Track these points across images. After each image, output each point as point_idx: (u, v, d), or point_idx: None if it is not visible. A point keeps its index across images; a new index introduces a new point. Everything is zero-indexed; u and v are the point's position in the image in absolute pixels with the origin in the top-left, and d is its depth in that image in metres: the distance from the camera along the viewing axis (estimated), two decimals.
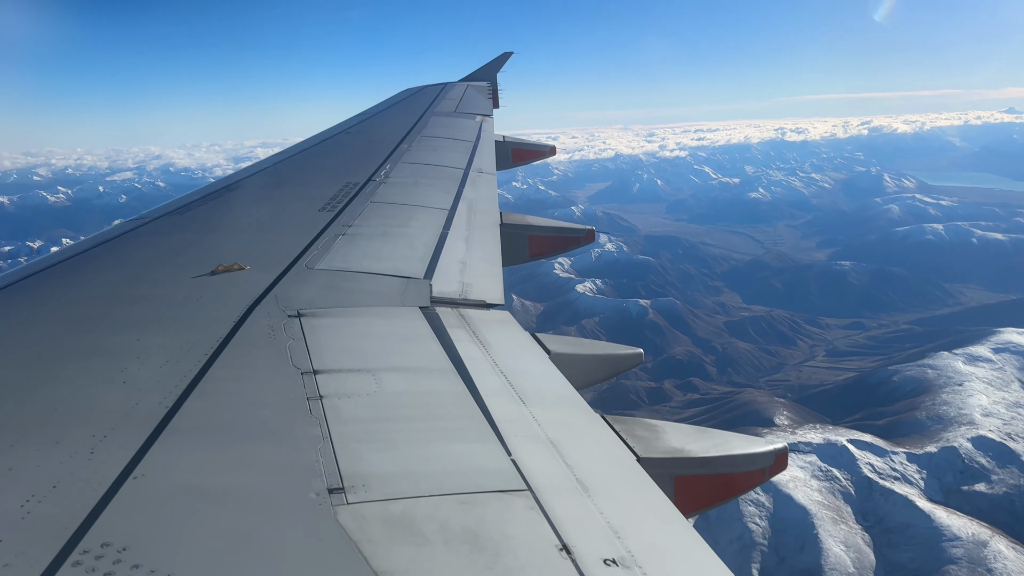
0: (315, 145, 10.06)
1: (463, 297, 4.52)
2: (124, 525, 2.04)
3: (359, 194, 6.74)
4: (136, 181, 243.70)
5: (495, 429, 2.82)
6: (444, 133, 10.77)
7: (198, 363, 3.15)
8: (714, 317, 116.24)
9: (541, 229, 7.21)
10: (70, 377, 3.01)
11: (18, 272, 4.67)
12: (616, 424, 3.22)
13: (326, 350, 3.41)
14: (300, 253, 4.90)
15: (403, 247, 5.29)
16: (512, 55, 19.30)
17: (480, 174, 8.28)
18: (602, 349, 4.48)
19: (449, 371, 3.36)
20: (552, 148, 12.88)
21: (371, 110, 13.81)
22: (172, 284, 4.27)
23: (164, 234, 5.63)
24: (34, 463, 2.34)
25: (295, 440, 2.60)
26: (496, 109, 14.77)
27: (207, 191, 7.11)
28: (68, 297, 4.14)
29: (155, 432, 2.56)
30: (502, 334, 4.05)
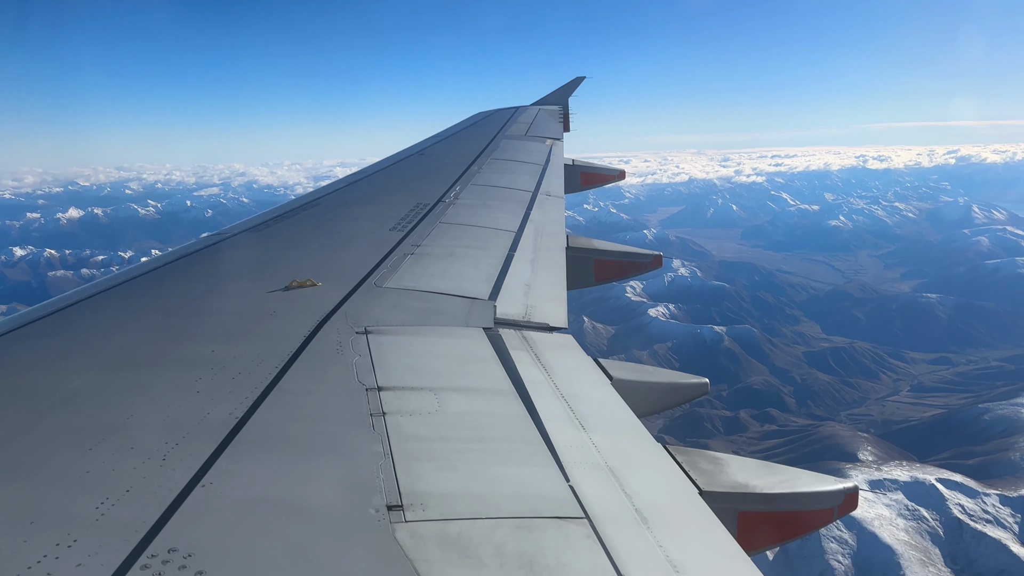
0: (389, 166, 10.33)
1: (527, 319, 4.52)
2: (191, 532, 2.10)
3: (429, 215, 6.86)
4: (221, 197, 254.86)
5: (554, 454, 2.79)
6: (514, 156, 10.87)
7: (269, 376, 3.24)
8: (792, 347, 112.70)
9: (608, 253, 7.15)
10: (148, 385, 3.14)
11: (106, 281, 4.93)
12: (678, 455, 3.14)
13: (391, 367, 3.47)
14: (370, 271, 5.01)
15: (469, 268, 5.34)
16: (584, 79, 19.38)
17: (548, 197, 8.31)
18: (666, 377, 4.39)
19: (510, 393, 3.36)
20: (622, 172, 12.83)
21: (444, 132, 14.10)
22: (248, 298, 4.42)
23: (243, 249, 5.86)
24: (110, 467, 2.43)
25: (357, 455, 2.63)
26: (567, 133, 14.83)
27: (285, 209, 7.38)
28: (151, 307, 4.34)
29: (224, 442, 2.64)
30: (564, 358, 4.02)
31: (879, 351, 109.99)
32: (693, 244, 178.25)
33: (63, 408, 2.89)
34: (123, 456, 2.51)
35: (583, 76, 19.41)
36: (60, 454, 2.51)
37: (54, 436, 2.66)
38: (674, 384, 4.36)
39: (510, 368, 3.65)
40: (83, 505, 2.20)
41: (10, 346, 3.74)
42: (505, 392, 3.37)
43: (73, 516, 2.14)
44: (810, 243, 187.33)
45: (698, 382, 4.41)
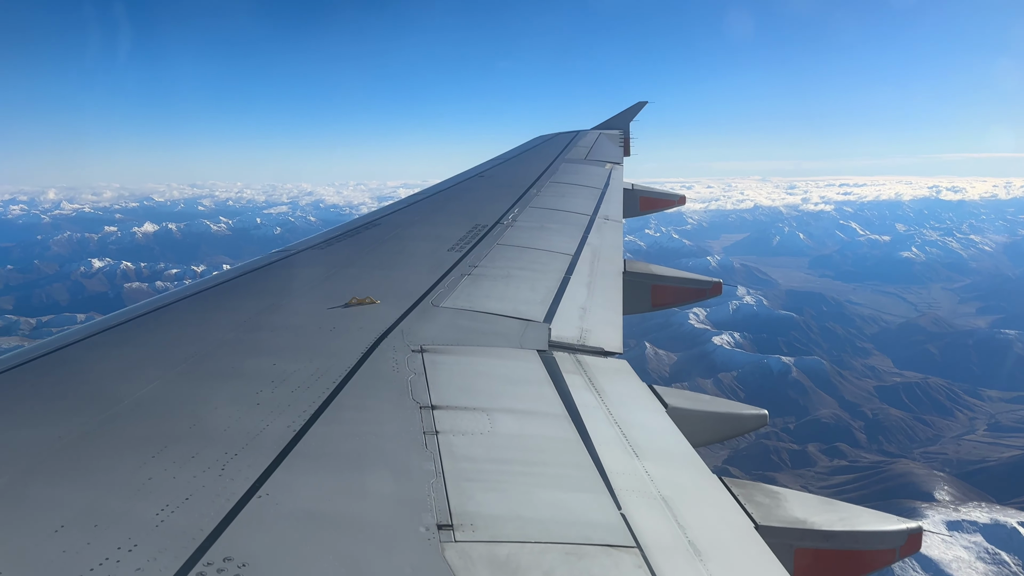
0: (449, 187, 10.49)
1: (581, 343, 4.49)
2: (246, 542, 2.14)
3: (486, 236, 6.92)
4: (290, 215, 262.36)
5: (606, 481, 2.76)
6: (573, 179, 10.89)
7: (326, 390, 3.30)
8: (863, 380, 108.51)
9: (666, 279, 7.06)
10: (211, 395, 3.24)
11: (176, 294, 5.13)
12: (734, 487, 3.05)
13: (444, 386, 3.49)
14: (427, 290, 5.07)
15: (525, 290, 5.35)
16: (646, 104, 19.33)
17: (606, 221, 8.28)
18: (723, 407, 4.28)
19: (563, 417, 3.34)
20: (682, 197, 12.69)
21: (504, 155, 14.24)
22: (309, 314, 4.53)
23: (307, 266, 6.02)
24: (171, 475, 2.51)
25: (409, 473, 2.65)
26: (627, 157, 14.79)
27: (348, 227, 7.57)
28: (217, 320, 4.48)
29: (281, 454, 2.69)
30: (618, 383, 3.97)
31: (954, 388, 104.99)
32: (758, 272, 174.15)
33: (130, 415, 3.00)
34: (184, 464, 2.58)
35: (645, 101, 19.36)
36: (125, 459, 2.60)
37: (121, 442, 2.75)
38: (732, 415, 4.25)
39: (563, 391, 3.63)
40: (144, 510, 2.27)
41: (85, 353, 3.92)
42: (558, 416, 3.35)
43: (135, 521, 2.21)
44: (881, 274, 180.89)
45: (757, 413, 4.29)
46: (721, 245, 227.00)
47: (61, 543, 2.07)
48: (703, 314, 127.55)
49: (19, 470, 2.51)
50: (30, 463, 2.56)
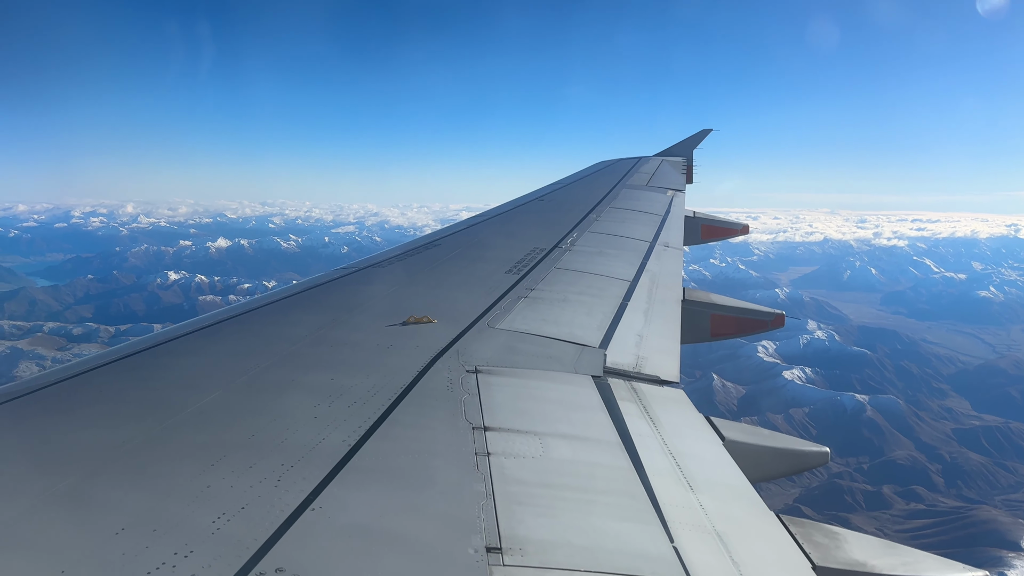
0: (508, 210, 10.56)
1: (637, 371, 4.43)
2: (298, 553, 2.17)
3: (544, 259, 6.93)
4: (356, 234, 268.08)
5: (658, 512, 2.70)
6: (633, 205, 10.83)
7: (382, 407, 3.34)
8: (940, 422, 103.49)
9: (726, 308, 6.92)
10: (270, 407, 3.31)
11: (242, 306, 5.29)
12: (792, 526, 2.94)
13: (498, 408, 3.49)
14: (483, 312, 5.10)
15: (581, 315, 5.33)
16: (711, 132, 19.13)
17: (666, 248, 8.19)
18: (782, 442, 4.14)
19: (616, 444, 3.29)
20: (745, 226, 12.48)
21: (565, 179, 14.28)
22: (368, 330, 4.60)
23: (367, 284, 6.13)
24: (228, 484, 2.56)
25: (460, 493, 2.65)
26: (689, 184, 14.64)
27: (408, 247, 7.70)
28: (280, 334, 4.60)
29: (336, 468, 2.73)
30: (675, 413, 3.90)
31: None
32: (829, 306, 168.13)
33: (193, 423, 3.09)
34: (242, 474, 2.64)
35: (710, 128, 19.17)
36: (186, 466, 2.68)
37: (182, 449, 2.83)
38: (792, 451, 4.11)
39: (617, 419, 3.58)
40: (201, 518, 2.32)
41: (153, 360, 4.08)
42: (611, 443, 3.30)
43: (192, 527, 2.26)
44: (957, 313, 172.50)
45: (818, 451, 4.13)
46: (789, 277, 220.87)
47: (122, 545, 2.14)
48: (772, 347, 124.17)
49: (86, 472, 2.60)
50: (96, 465, 2.65)
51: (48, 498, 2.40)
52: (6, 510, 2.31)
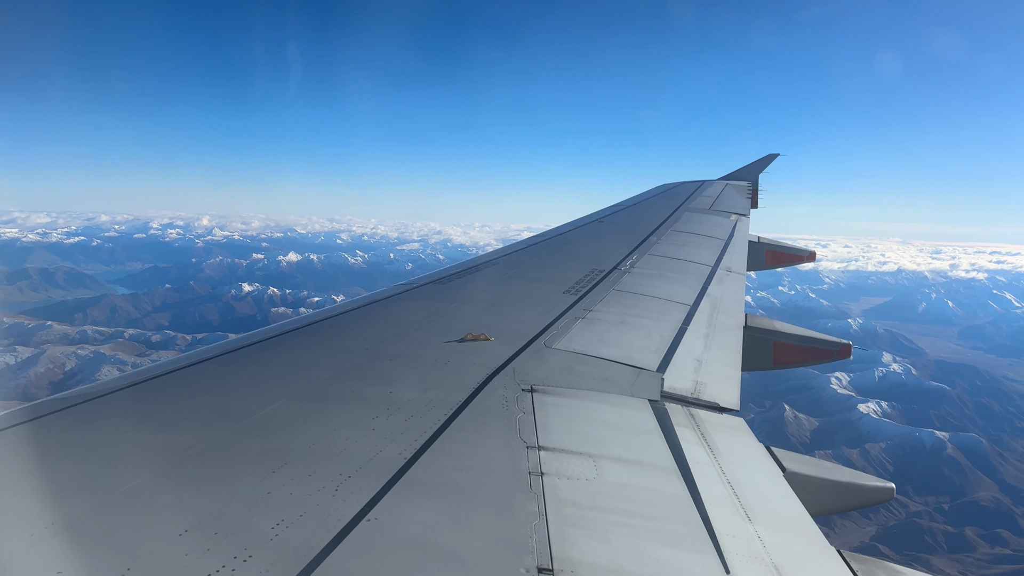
0: (568, 231, 10.57)
1: (695, 396, 4.35)
2: (353, 564, 2.20)
3: (603, 281, 6.90)
4: (420, 252, 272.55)
5: (715, 541, 2.63)
6: (696, 229, 10.69)
7: (438, 421, 3.38)
8: None
9: (789, 336, 6.74)
10: (330, 418, 3.39)
11: (306, 319, 5.44)
12: (853, 562, 2.82)
13: (552, 428, 3.48)
14: (540, 331, 5.11)
15: (639, 337, 5.27)
16: (778, 156, 18.76)
17: (728, 273, 8.05)
18: (845, 476, 3.99)
19: (672, 471, 3.23)
20: (811, 253, 12.17)
21: (626, 201, 14.22)
22: (427, 346, 4.67)
23: (427, 300, 6.23)
24: (288, 491, 2.63)
25: (513, 512, 2.64)
26: (754, 209, 14.38)
27: (468, 265, 7.78)
28: (341, 347, 4.71)
29: (392, 480, 2.76)
30: (733, 441, 3.81)
31: None
32: (904, 339, 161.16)
33: (256, 430, 3.18)
34: (301, 482, 2.70)
35: (777, 153, 18.82)
36: (248, 473, 2.75)
37: (245, 455, 2.92)
38: (855, 485, 3.95)
39: (674, 445, 3.52)
40: (261, 524, 2.38)
41: (220, 368, 4.23)
42: (667, 469, 3.25)
43: (251, 533, 2.32)
44: None
45: (883, 487, 3.97)
46: (860, 308, 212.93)
47: (184, 546, 2.21)
48: (846, 379, 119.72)
49: (153, 474, 2.70)
50: (163, 468, 2.76)
51: (118, 497, 2.50)
52: (79, 506, 2.42)
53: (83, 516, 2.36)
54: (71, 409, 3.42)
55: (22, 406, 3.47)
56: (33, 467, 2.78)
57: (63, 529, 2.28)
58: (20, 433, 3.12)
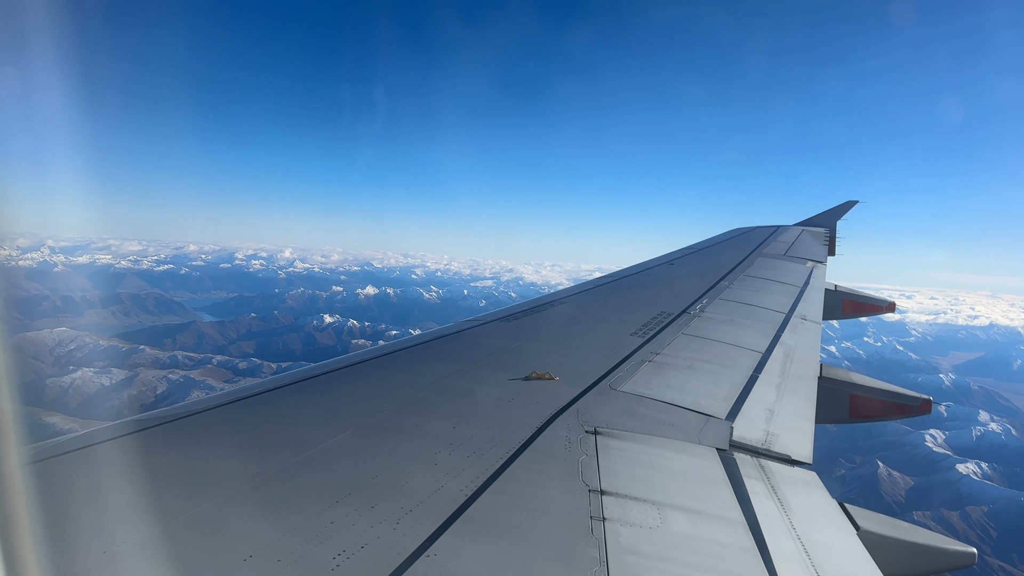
0: (637, 273, 10.49)
1: (766, 447, 4.20)
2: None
3: (671, 324, 6.80)
4: (494, 289, 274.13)
5: None
6: (769, 275, 10.44)
7: (500, 459, 3.37)
8: None
9: (867, 389, 6.46)
10: (394, 451, 3.43)
11: (375, 351, 5.55)
12: None
13: (616, 473, 3.42)
14: (606, 373, 5.06)
15: (708, 383, 5.16)
16: (857, 203, 18.21)
17: (803, 321, 7.80)
18: (924, 538, 3.76)
19: (739, 523, 3.12)
20: (892, 304, 11.69)
21: (698, 244, 14.03)
22: (491, 383, 4.69)
23: (493, 337, 6.27)
24: (351, 522, 2.66)
25: (573, 557, 2.61)
26: (831, 256, 13.96)
27: (535, 303, 7.80)
28: (407, 381, 4.77)
29: (452, 516, 2.77)
30: (805, 496, 3.65)
31: None
32: (1000, 397, 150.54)
33: (321, 460, 3.24)
34: (363, 513, 2.73)
35: (856, 200, 18.26)
36: (312, 502, 2.81)
37: (309, 485, 2.97)
38: (934, 548, 3.72)
39: (742, 496, 3.41)
40: (323, 553, 2.42)
41: (289, 397, 4.34)
42: (734, 521, 3.14)
43: (313, 562, 2.36)
44: None
45: (964, 551, 3.73)
46: (950, 363, 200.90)
47: (248, 572, 2.26)
48: (941, 437, 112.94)
49: (220, 498, 2.78)
50: (230, 494, 2.83)
51: (186, 520, 2.58)
52: (148, 527, 2.51)
53: (151, 537, 2.44)
54: (147, 431, 3.56)
55: (103, 426, 3.66)
56: (107, 486, 2.91)
57: (133, 548, 2.37)
58: (97, 452, 3.25)
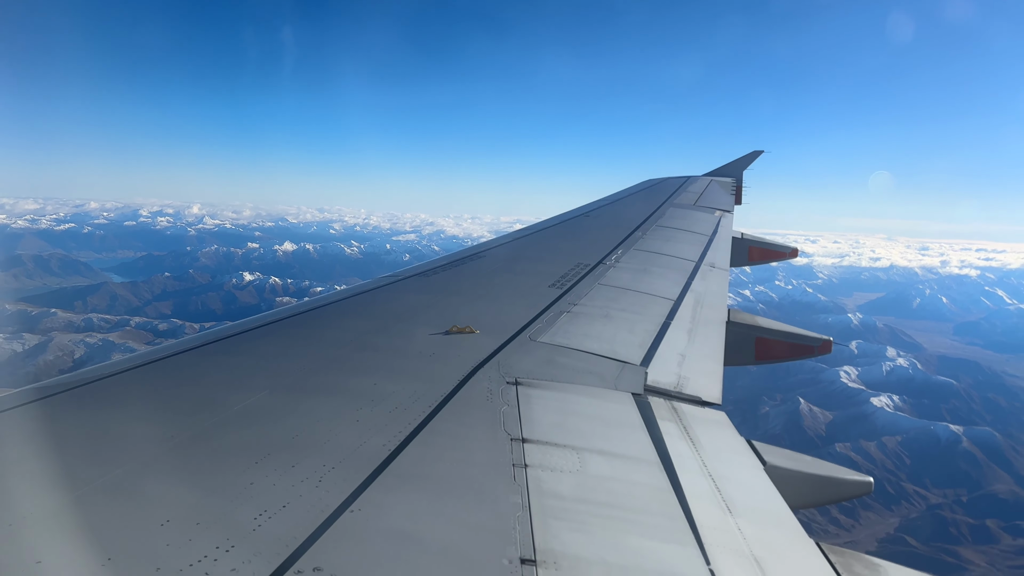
0: (554, 225, 10.59)
1: (678, 390, 4.38)
2: (335, 554, 2.20)
3: (588, 275, 6.92)
4: (417, 243, 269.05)
5: (695, 534, 2.66)
6: (680, 225, 10.75)
7: (422, 413, 3.38)
8: None
9: (772, 332, 6.81)
10: (313, 409, 3.38)
11: (289, 309, 5.40)
12: (831, 555, 2.87)
13: (536, 421, 3.49)
14: (525, 324, 5.12)
15: (623, 331, 5.30)
16: (762, 153, 18.88)
17: (712, 268, 8.10)
18: (825, 470, 4.05)
19: (654, 464, 3.26)
20: (794, 250, 12.29)
21: (611, 196, 14.26)
22: (411, 338, 4.67)
23: (412, 292, 6.22)
24: (271, 482, 2.62)
25: (496, 504, 2.66)
26: (738, 206, 14.49)
27: (453, 257, 7.77)
28: (325, 338, 4.69)
29: (376, 471, 2.77)
30: (716, 435, 3.84)
31: None
32: (903, 334, 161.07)
33: (238, 422, 3.17)
34: (284, 473, 2.69)
35: (761, 150, 18.92)
36: (230, 464, 2.75)
37: (227, 446, 2.91)
38: (833, 479, 4.01)
39: (656, 438, 3.54)
40: (244, 514, 2.38)
41: (201, 359, 4.20)
42: (649, 462, 3.28)
43: (234, 523, 2.32)
44: None
45: (861, 480, 4.03)
46: (855, 303, 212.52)
47: (166, 537, 2.20)
48: (854, 373, 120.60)
49: (134, 464, 2.69)
50: (144, 459, 2.74)
51: (99, 487, 2.49)
52: (59, 495, 2.40)
53: (63, 506, 2.34)
54: (53, 397, 3.39)
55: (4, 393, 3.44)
56: (13, 455, 2.76)
57: (43, 518, 2.26)
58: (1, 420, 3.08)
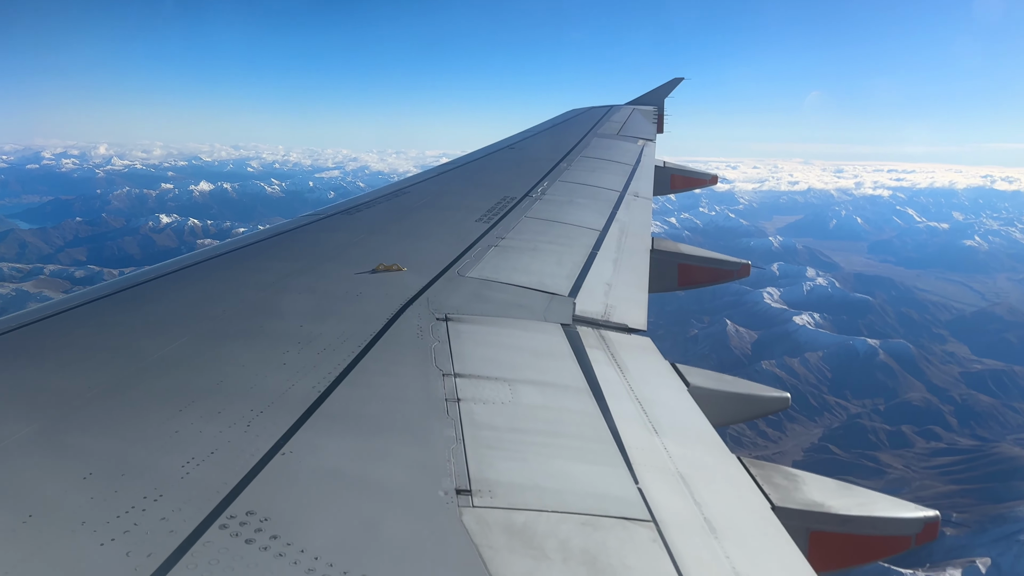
0: (479, 158, 10.45)
1: (605, 319, 4.48)
2: (268, 497, 2.19)
3: (515, 208, 6.90)
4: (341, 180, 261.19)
5: (624, 455, 2.77)
6: (604, 155, 10.78)
7: (351, 354, 3.35)
8: (947, 366, 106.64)
9: (694, 258, 7.00)
10: (238, 355, 3.30)
11: (206, 252, 5.20)
12: (752, 468, 3.05)
13: (467, 355, 3.52)
14: (453, 260, 5.09)
15: (551, 263, 5.35)
16: (683, 81, 18.97)
17: (636, 198, 8.20)
18: (745, 388, 4.26)
19: (584, 391, 3.35)
20: (714, 177, 12.54)
21: (536, 128, 14.13)
22: (337, 278, 4.58)
23: (336, 231, 6.07)
24: (197, 429, 2.57)
25: (430, 438, 2.68)
26: (660, 134, 14.60)
27: (377, 194, 7.59)
28: (247, 281, 4.55)
29: (305, 414, 2.74)
30: (641, 360, 3.97)
31: None
32: (821, 255, 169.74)
33: (159, 369, 3.07)
34: (211, 420, 2.64)
35: (681, 77, 18.99)
36: (153, 413, 2.67)
37: (149, 395, 2.82)
38: (753, 396, 4.23)
39: (585, 366, 3.63)
40: (170, 463, 2.33)
41: (116, 306, 4.01)
42: (579, 389, 3.36)
43: (160, 472, 2.27)
44: (944, 262, 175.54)
45: (779, 396, 4.27)
46: (775, 226, 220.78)
47: (89, 490, 2.14)
48: (777, 293, 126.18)
49: (51, 418, 2.58)
50: (62, 411, 2.64)
51: (15, 442, 2.39)
52: None
53: None
54: None
55: None
56: None
57: None
58: None
